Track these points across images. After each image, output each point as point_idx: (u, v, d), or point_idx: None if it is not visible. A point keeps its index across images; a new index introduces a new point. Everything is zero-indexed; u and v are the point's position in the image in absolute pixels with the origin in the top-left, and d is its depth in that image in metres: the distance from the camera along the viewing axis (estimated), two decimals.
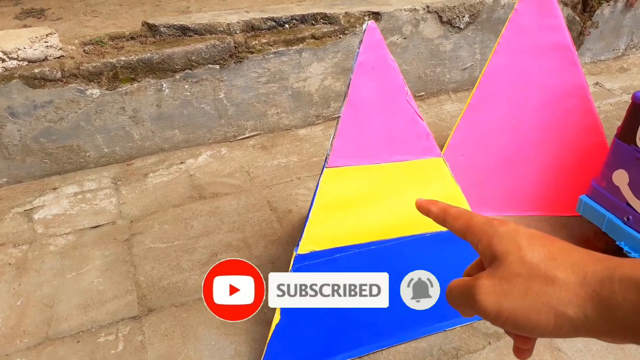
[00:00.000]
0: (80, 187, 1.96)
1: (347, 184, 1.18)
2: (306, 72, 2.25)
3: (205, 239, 1.67)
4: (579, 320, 0.36)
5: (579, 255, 0.38)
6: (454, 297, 0.44)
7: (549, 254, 0.39)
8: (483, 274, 0.42)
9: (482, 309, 0.40)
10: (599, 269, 0.36)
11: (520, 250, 0.39)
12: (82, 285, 1.50)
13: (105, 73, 1.96)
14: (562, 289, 0.36)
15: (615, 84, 2.72)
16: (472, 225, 0.45)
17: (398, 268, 1.27)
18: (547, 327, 0.37)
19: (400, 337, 1.30)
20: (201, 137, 2.21)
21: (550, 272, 0.37)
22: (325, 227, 1.18)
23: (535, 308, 0.37)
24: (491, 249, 0.42)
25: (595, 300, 0.35)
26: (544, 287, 0.37)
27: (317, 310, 1.23)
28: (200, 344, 1.31)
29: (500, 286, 0.39)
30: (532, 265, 0.38)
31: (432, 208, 0.51)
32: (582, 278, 0.36)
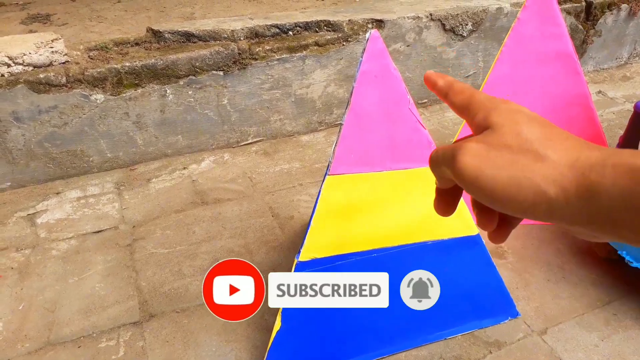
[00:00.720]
0: (83, 192, 1.96)
1: (349, 191, 1.18)
2: (309, 79, 2.26)
3: (207, 244, 1.67)
4: (558, 203, 0.34)
5: (576, 141, 0.36)
6: (438, 157, 0.41)
7: (546, 134, 0.37)
8: (472, 137, 0.39)
9: (460, 170, 0.38)
10: (594, 154, 0.33)
11: (516, 124, 0.37)
12: (84, 290, 1.50)
13: (110, 79, 1.97)
14: (549, 167, 0.35)
15: (618, 93, 2.73)
16: (473, 100, 0.42)
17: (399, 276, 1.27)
18: (523, 204, 0.35)
19: (401, 345, 1.30)
20: (204, 143, 2.22)
21: (542, 150, 0.35)
22: (327, 234, 1.18)
23: (516, 181, 0.35)
24: (487, 120, 0.39)
25: (581, 183, 0.33)
26: (531, 163, 0.35)
27: (318, 318, 1.23)
28: (201, 350, 1.31)
29: (486, 152, 0.37)
30: (526, 139, 0.36)
31: (439, 81, 0.47)
32: (574, 160, 0.34)
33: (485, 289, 1.35)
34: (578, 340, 1.32)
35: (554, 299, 1.44)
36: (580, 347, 1.30)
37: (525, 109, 0.40)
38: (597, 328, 1.35)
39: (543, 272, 1.54)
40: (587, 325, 1.36)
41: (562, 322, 1.37)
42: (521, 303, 1.43)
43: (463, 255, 1.32)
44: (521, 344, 1.31)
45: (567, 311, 1.41)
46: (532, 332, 1.34)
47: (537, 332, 1.34)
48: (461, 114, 0.44)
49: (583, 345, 1.30)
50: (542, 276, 1.52)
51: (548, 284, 1.50)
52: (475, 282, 1.34)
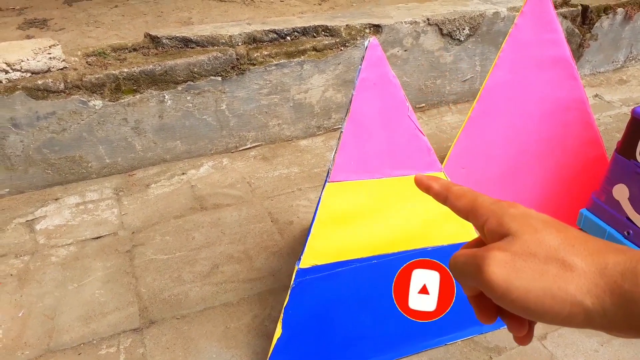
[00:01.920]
0: (82, 198, 1.96)
1: (348, 198, 1.19)
2: (307, 84, 2.26)
3: (207, 250, 1.67)
4: (596, 312, 0.33)
5: (597, 244, 0.35)
6: (458, 265, 0.40)
7: (567, 240, 0.36)
8: (494, 245, 0.38)
9: (489, 283, 0.36)
10: (621, 260, 0.33)
11: (536, 231, 0.37)
12: (84, 297, 1.50)
13: (108, 84, 1.97)
14: (581, 276, 0.34)
15: (614, 96, 2.74)
16: (477, 205, 0.42)
17: None
18: (559, 315, 0.34)
19: (402, 351, 1.30)
20: (203, 148, 2.22)
21: (569, 257, 0.35)
22: (327, 241, 1.19)
23: (550, 293, 0.34)
24: (502, 227, 0.38)
25: (615, 292, 0.33)
26: (561, 272, 0.34)
27: (319, 325, 1.23)
28: (201, 356, 1.31)
29: (513, 262, 0.36)
30: (549, 247, 0.35)
31: (434, 185, 0.47)
32: (603, 268, 0.33)
33: None
34: (578, 346, 1.32)
35: None
36: (580, 352, 1.31)
37: (534, 211, 0.40)
38: (597, 333, 1.36)
39: None
40: (587, 331, 1.37)
41: (562, 327, 1.37)
42: None
43: None
44: (521, 350, 1.31)
45: None
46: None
47: (537, 337, 1.35)
48: (466, 218, 0.44)
49: (583, 351, 1.31)
50: None
51: None
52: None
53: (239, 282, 1.54)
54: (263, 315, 1.43)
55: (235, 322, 1.41)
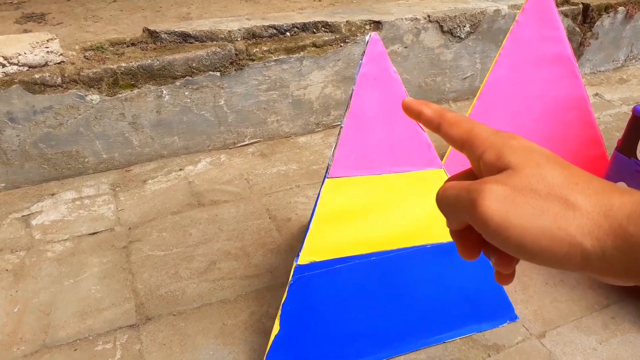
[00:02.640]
0: (78, 193, 1.95)
1: (348, 194, 1.18)
2: (307, 80, 2.25)
3: (204, 247, 1.66)
4: (595, 255, 0.32)
5: (602, 184, 0.33)
6: (449, 199, 0.37)
7: (570, 177, 0.34)
8: (492, 178, 0.35)
9: (484, 218, 0.34)
10: (627, 201, 0.31)
11: (538, 166, 0.34)
12: (80, 293, 1.49)
13: (106, 79, 1.96)
14: (583, 216, 0.32)
15: (615, 95, 2.73)
16: (474, 134, 0.38)
17: (399, 279, 1.27)
18: (555, 256, 0.33)
19: (400, 348, 1.29)
20: (200, 144, 2.20)
21: (572, 196, 0.32)
22: (326, 237, 1.18)
23: (549, 232, 0.32)
24: (502, 160, 0.36)
25: (619, 235, 0.31)
26: (563, 211, 0.32)
27: (317, 322, 1.22)
28: (198, 353, 1.30)
29: (512, 197, 0.33)
30: (553, 184, 0.33)
31: (425, 110, 0.43)
32: (607, 209, 0.31)
33: (484, 292, 1.35)
34: (576, 344, 1.32)
35: (553, 303, 1.44)
36: (578, 350, 1.30)
37: (536, 145, 0.37)
38: (596, 331, 1.35)
39: (541, 276, 1.54)
40: (586, 329, 1.36)
41: (561, 326, 1.37)
42: (519, 306, 1.42)
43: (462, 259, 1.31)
44: (520, 348, 1.31)
45: (566, 314, 1.41)
46: (530, 336, 1.34)
47: (535, 335, 1.34)
48: (460, 149, 0.40)
49: (581, 349, 1.30)
50: (541, 279, 1.52)
51: (546, 287, 1.49)
52: (474, 285, 1.34)
53: (236, 279, 1.53)
54: (260, 312, 1.42)
55: (232, 319, 1.40)
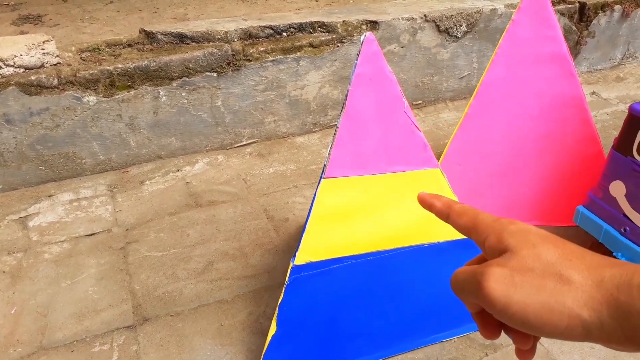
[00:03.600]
0: (75, 195, 1.95)
1: (344, 194, 1.18)
2: (304, 80, 2.25)
3: (202, 247, 1.66)
4: (594, 325, 0.34)
5: (594, 259, 0.37)
6: (458, 283, 0.42)
7: (564, 255, 0.37)
8: (493, 261, 0.39)
9: (489, 298, 0.38)
10: (616, 273, 0.34)
11: (534, 246, 0.38)
12: (77, 294, 1.49)
13: (102, 80, 1.96)
14: (578, 290, 0.35)
15: (611, 94, 2.74)
16: (478, 222, 0.44)
17: (395, 279, 1.27)
18: (558, 328, 0.36)
19: (397, 348, 1.29)
20: (198, 145, 2.20)
21: (566, 271, 0.36)
22: (323, 237, 1.18)
23: (548, 306, 0.35)
24: (501, 243, 0.40)
25: (612, 305, 0.34)
26: (559, 286, 0.35)
27: (314, 322, 1.22)
28: (195, 354, 1.30)
29: (511, 277, 0.37)
30: (547, 262, 0.37)
31: (436, 203, 0.49)
32: (599, 281, 0.35)
33: None
34: (574, 342, 1.31)
35: None
36: (575, 349, 1.30)
37: (533, 227, 0.41)
38: None
39: None
40: None
41: None
42: None
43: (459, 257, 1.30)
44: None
45: None
46: None
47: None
48: (468, 235, 0.45)
49: (579, 347, 1.30)
50: None
51: None
52: None
53: (233, 280, 1.53)
54: (258, 312, 1.42)
55: (229, 319, 1.40)
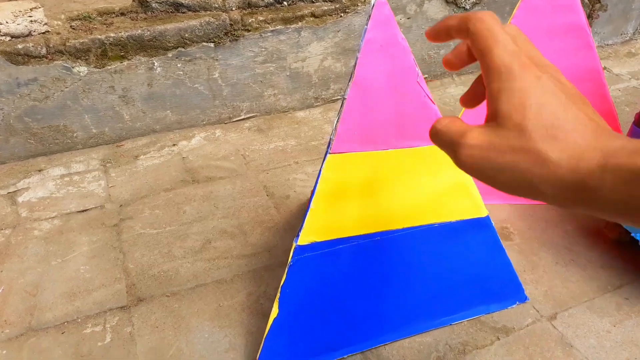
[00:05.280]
0: (67, 169, 1.86)
1: (351, 171, 1.10)
2: (305, 52, 2.15)
3: (199, 224, 1.59)
4: (556, 200, 0.36)
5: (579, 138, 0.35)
6: (437, 137, 0.43)
7: (553, 123, 0.35)
8: (475, 129, 0.39)
9: (460, 164, 0.40)
10: (594, 156, 0.33)
11: (524, 118, 0.36)
12: (68, 273, 1.42)
13: (94, 50, 1.86)
14: (550, 172, 0.35)
15: (623, 69, 2.65)
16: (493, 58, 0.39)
17: (404, 260, 1.20)
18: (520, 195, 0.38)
19: (405, 331, 1.23)
20: (194, 119, 2.11)
21: (545, 153, 0.35)
22: (328, 216, 1.10)
23: (516, 183, 0.37)
24: (497, 102, 0.38)
25: (580, 188, 0.34)
26: (532, 167, 0.36)
27: (318, 305, 1.16)
28: (192, 336, 1.23)
29: (487, 152, 0.38)
30: (530, 138, 0.36)
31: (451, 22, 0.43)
32: (575, 165, 0.34)
33: (493, 273, 1.28)
34: (589, 326, 1.26)
35: (563, 283, 1.38)
36: (591, 332, 1.24)
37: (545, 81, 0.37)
38: (609, 313, 1.30)
39: (551, 255, 1.47)
40: (599, 310, 1.30)
41: (572, 307, 1.31)
42: (529, 287, 1.36)
43: (471, 238, 1.24)
44: (530, 330, 1.25)
45: (577, 295, 1.35)
46: (541, 318, 1.28)
47: (546, 317, 1.28)
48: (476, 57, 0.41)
49: (595, 331, 1.25)
50: (550, 259, 1.46)
51: (556, 267, 1.43)
52: (482, 265, 1.27)
53: (232, 258, 1.46)
54: (258, 292, 1.35)
55: (228, 299, 1.33)
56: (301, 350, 1.16)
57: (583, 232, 1.56)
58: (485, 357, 1.19)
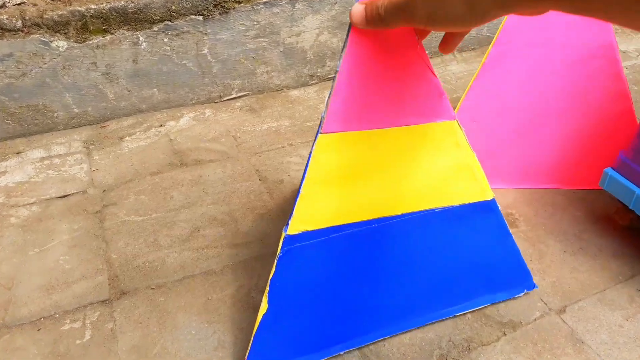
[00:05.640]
0: (47, 152, 1.76)
1: (345, 152, 0.99)
2: (300, 26, 2.03)
3: (187, 211, 1.50)
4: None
5: None
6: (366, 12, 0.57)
7: None
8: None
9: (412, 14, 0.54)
10: None
11: None
12: (46, 264, 1.33)
13: (73, 23, 1.74)
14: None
15: (630, 46, 2.54)
16: None
17: (404, 248, 1.11)
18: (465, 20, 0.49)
19: (406, 324, 1.15)
20: (183, 97, 2.01)
21: None
22: (320, 203, 1.00)
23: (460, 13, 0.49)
24: None
25: None
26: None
27: (310, 298, 1.07)
28: (179, 332, 1.15)
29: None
30: None
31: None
32: None
33: (500, 260, 1.19)
34: (601, 320, 1.19)
35: (572, 273, 1.31)
36: (603, 327, 1.17)
37: None
38: (621, 306, 1.22)
39: (559, 243, 1.40)
40: (610, 303, 1.23)
41: (582, 299, 1.24)
42: (536, 277, 1.29)
43: (476, 223, 1.15)
44: (538, 325, 1.17)
45: (587, 286, 1.27)
46: (549, 311, 1.21)
47: (555, 310, 1.21)
48: None
49: (606, 325, 1.17)
50: (558, 247, 1.38)
51: (565, 256, 1.36)
52: (488, 252, 1.18)
53: (222, 248, 1.37)
54: (249, 285, 1.27)
55: (217, 292, 1.25)
56: (294, 348, 1.08)
57: (592, 218, 1.48)
58: (491, 354, 1.11)
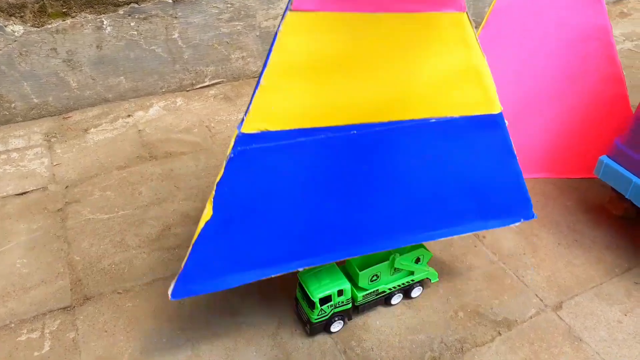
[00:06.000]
0: (4, 145, 1.64)
1: (320, 37, 0.82)
2: (277, 9, 1.94)
3: (157, 208, 1.40)
4: None
5: None
6: None
7: None
8: None
9: None
10: None
11: None
12: (2, 268, 1.22)
13: (30, 6, 1.61)
14: None
15: (616, 31, 2.50)
16: None
17: (387, 163, 0.95)
18: None
19: (377, 245, 1.00)
20: (152, 86, 1.89)
21: None
22: (285, 98, 0.83)
23: None
24: None
25: None
26: None
27: (265, 210, 0.91)
28: (148, 341, 1.06)
29: None
30: None
31: None
32: None
33: (499, 183, 1.04)
34: (598, 316, 1.13)
35: (567, 267, 1.25)
36: (601, 323, 1.11)
37: None
38: (619, 300, 1.17)
39: (552, 235, 1.33)
40: (607, 297, 1.17)
41: (579, 294, 1.18)
42: (531, 272, 1.22)
43: (477, 140, 0.99)
44: (534, 322, 1.11)
45: (583, 280, 1.21)
46: (545, 308, 1.14)
47: (551, 307, 1.14)
48: None
49: (605, 322, 1.11)
50: (552, 239, 1.32)
51: (559, 249, 1.30)
52: (487, 174, 1.03)
53: None
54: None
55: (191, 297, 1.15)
56: (238, 261, 0.93)
57: (584, 207, 1.42)
58: (485, 355, 1.04)
